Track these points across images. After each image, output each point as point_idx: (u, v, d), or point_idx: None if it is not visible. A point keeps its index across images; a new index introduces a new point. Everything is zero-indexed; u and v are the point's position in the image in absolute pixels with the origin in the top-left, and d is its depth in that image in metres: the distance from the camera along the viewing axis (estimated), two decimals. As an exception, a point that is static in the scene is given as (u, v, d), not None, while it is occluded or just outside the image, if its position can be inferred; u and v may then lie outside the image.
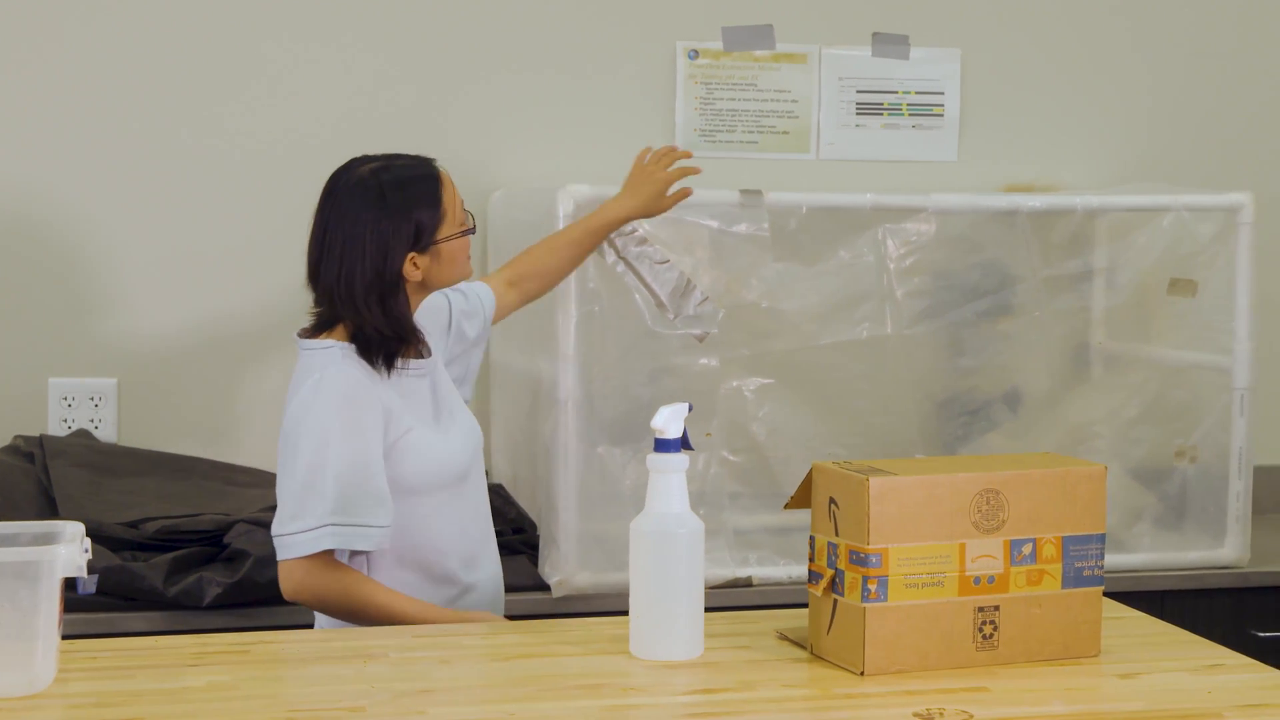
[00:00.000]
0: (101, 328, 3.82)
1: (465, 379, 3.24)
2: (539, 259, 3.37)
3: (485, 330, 3.27)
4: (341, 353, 2.89)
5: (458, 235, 2.97)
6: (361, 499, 2.83)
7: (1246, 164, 4.29)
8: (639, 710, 2.31)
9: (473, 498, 3.04)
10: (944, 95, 4.16)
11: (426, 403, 2.99)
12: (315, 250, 2.95)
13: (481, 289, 3.29)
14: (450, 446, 2.98)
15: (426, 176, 2.97)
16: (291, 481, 2.85)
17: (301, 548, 2.82)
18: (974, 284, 3.82)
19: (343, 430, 2.83)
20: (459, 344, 3.21)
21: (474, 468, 3.05)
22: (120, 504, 3.50)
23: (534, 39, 3.97)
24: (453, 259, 2.97)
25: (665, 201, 3.40)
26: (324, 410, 2.84)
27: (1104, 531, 2.54)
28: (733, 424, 3.69)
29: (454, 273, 2.99)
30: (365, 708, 2.28)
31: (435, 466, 2.94)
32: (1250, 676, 2.47)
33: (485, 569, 3.05)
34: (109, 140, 3.80)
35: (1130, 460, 3.86)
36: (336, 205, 2.94)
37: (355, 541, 2.83)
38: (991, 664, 2.48)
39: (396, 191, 2.92)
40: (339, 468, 2.82)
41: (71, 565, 2.32)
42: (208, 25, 3.83)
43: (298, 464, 2.84)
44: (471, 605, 3.00)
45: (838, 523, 2.45)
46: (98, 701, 2.30)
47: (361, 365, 2.89)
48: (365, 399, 2.86)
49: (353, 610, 2.86)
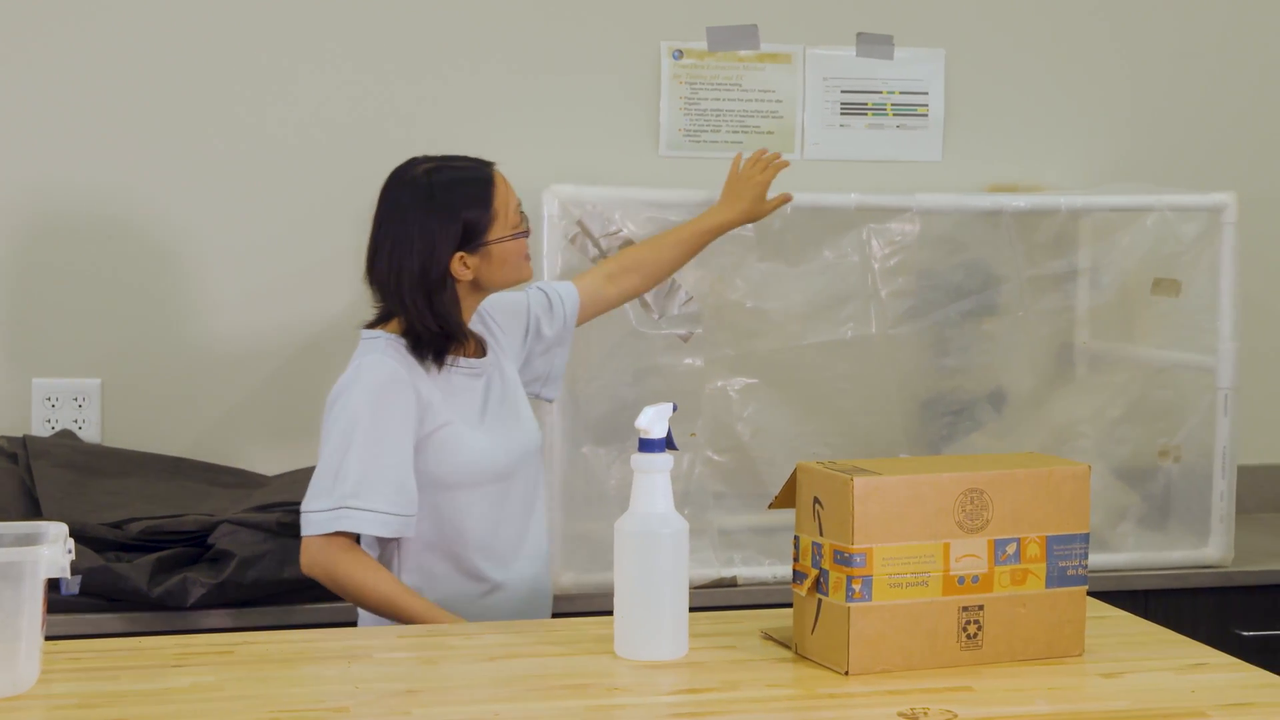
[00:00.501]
0: (85, 328, 3.81)
1: (548, 378, 3.30)
2: (643, 254, 3.43)
3: (566, 330, 3.31)
4: (385, 344, 2.98)
5: (508, 238, 3.02)
6: (380, 486, 2.90)
7: (1230, 164, 4.30)
8: (624, 710, 2.31)
9: (515, 499, 3.06)
10: (928, 95, 4.16)
11: (474, 401, 3.04)
12: (370, 246, 3.05)
13: (565, 288, 3.33)
14: (489, 446, 3.01)
15: (478, 179, 3.03)
16: (321, 463, 2.94)
17: (317, 526, 2.91)
18: (958, 284, 3.83)
19: (370, 418, 2.91)
20: (538, 343, 3.27)
21: (520, 470, 3.07)
22: (104, 505, 3.49)
23: (518, 39, 3.96)
24: (505, 260, 3.02)
25: (766, 206, 3.50)
26: (356, 397, 2.92)
27: (1088, 531, 2.54)
28: (717, 424, 3.70)
29: (508, 274, 3.05)
30: (350, 708, 2.28)
31: (468, 463, 2.98)
32: (1234, 676, 2.48)
33: (519, 570, 3.06)
34: (93, 141, 3.80)
35: (1114, 460, 3.87)
36: (389, 203, 3.03)
37: (368, 526, 2.90)
38: (976, 663, 2.48)
39: (446, 192, 2.99)
40: (361, 454, 2.90)
41: (55, 566, 2.32)
42: (203, 28, 3.82)
43: (328, 448, 2.93)
44: (498, 604, 3.02)
45: (822, 523, 2.46)
46: (81, 703, 2.29)
47: (402, 357, 2.97)
48: (398, 390, 2.93)
49: (359, 595, 2.92)
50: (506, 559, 3.05)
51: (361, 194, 3.88)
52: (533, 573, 3.08)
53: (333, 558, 2.91)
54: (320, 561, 2.92)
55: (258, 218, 3.86)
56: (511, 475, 3.05)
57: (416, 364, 2.97)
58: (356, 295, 3.87)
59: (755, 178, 3.50)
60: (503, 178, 3.06)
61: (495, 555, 3.03)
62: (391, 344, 2.98)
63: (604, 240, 3.53)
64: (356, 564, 2.91)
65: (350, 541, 2.93)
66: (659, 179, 3.90)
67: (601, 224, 3.56)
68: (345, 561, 2.91)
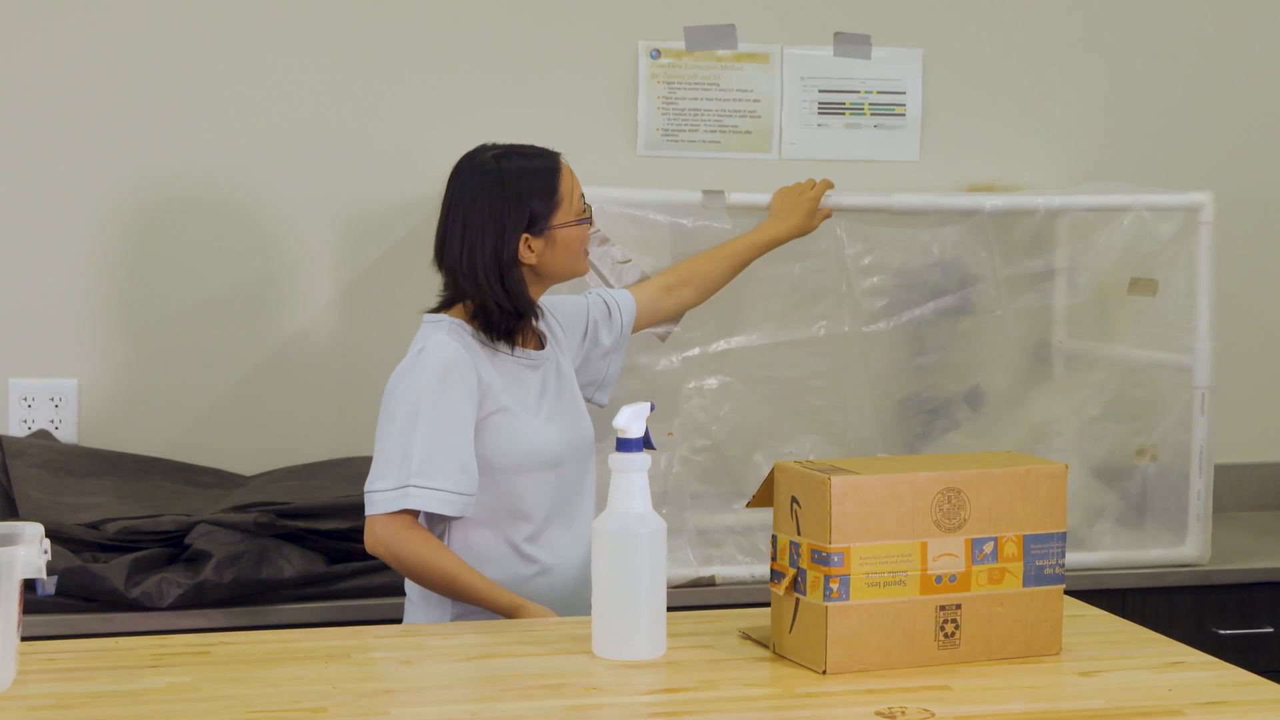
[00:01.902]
0: (61, 328, 3.80)
1: (602, 383, 3.38)
2: (697, 267, 3.55)
3: (622, 339, 3.40)
4: (449, 327, 3.06)
5: (572, 223, 3.11)
6: (445, 465, 2.97)
7: (1206, 164, 4.31)
8: (601, 710, 2.31)
9: (566, 486, 3.12)
10: (905, 95, 4.16)
11: (531, 390, 3.11)
12: (440, 231, 3.12)
13: (623, 297, 3.42)
14: (543, 434, 3.08)
15: (544, 167, 3.13)
16: (385, 443, 3.01)
17: (383, 505, 2.98)
18: (935, 283, 3.83)
19: (435, 398, 2.98)
20: (595, 348, 3.35)
21: (571, 461, 3.13)
22: (80, 505, 3.48)
23: (495, 39, 3.96)
24: (568, 246, 3.11)
25: (815, 220, 3.65)
26: (421, 378, 2.99)
27: (1065, 530, 2.55)
28: (694, 423, 3.70)
29: (569, 262, 3.13)
30: (327, 709, 2.27)
31: (523, 448, 3.05)
32: (1211, 674, 2.48)
33: (568, 554, 3.11)
34: (71, 141, 3.78)
35: (1091, 459, 3.87)
36: (458, 189, 3.11)
37: (433, 504, 2.97)
38: (953, 662, 2.48)
39: (514, 177, 3.09)
40: (426, 433, 2.96)
41: (31, 566, 2.31)
42: (186, 31, 3.82)
43: (392, 428, 3.00)
44: (546, 586, 3.08)
45: (799, 522, 2.46)
46: (57, 703, 2.29)
47: (466, 340, 3.05)
48: (461, 370, 3.00)
49: (423, 572, 2.98)
50: (556, 543, 3.10)
51: (339, 194, 3.90)
52: (581, 562, 3.12)
53: (398, 535, 2.97)
54: (385, 539, 2.98)
55: (236, 217, 3.85)
56: (563, 463, 3.11)
57: (479, 348, 3.05)
58: (337, 295, 3.89)
59: (806, 193, 3.64)
60: (568, 167, 3.15)
61: (545, 539, 3.09)
62: (455, 327, 3.06)
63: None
64: (422, 541, 2.98)
65: (413, 519, 3.00)
66: (637, 179, 3.91)
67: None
68: (411, 539, 2.97)
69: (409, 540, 2.97)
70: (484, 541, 3.05)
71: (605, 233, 3.56)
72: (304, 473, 3.77)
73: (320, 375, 3.91)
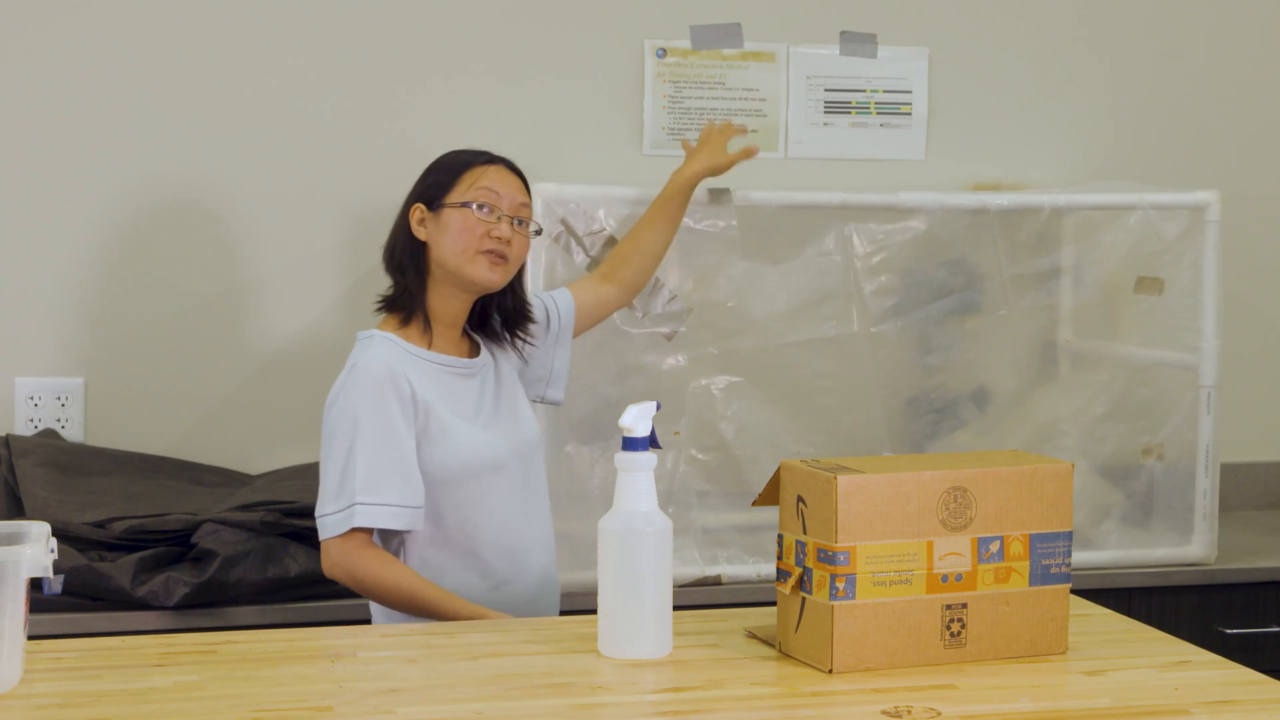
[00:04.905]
0: (68, 327, 3.80)
1: (549, 380, 3.29)
2: (630, 238, 3.45)
3: (563, 332, 3.29)
4: (379, 341, 3.01)
5: (458, 204, 3.03)
6: (388, 478, 2.93)
7: (1212, 162, 4.30)
8: (607, 709, 2.31)
9: (515, 494, 3.07)
10: (911, 94, 4.16)
11: (467, 399, 3.06)
12: None
13: (559, 293, 3.34)
14: (481, 440, 3.03)
15: (466, 156, 3.10)
16: (328, 464, 2.97)
17: (333, 528, 2.94)
18: (941, 282, 3.83)
19: (372, 412, 2.94)
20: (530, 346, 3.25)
21: (515, 464, 3.07)
22: (87, 504, 3.48)
23: (502, 38, 3.96)
24: (457, 230, 3.02)
25: (726, 158, 3.52)
26: (354, 395, 2.96)
27: (1071, 529, 2.55)
28: (701, 422, 3.70)
29: (457, 252, 3.02)
30: (332, 707, 2.27)
31: (461, 459, 3.00)
32: (1217, 673, 2.48)
33: (525, 564, 3.07)
34: (75, 142, 3.79)
35: (1097, 458, 3.87)
36: None
37: (381, 520, 2.92)
38: (959, 661, 2.48)
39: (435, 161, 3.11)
40: (366, 449, 2.93)
41: (37, 565, 2.31)
42: (195, 32, 3.82)
43: (333, 449, 2.96)
44: (507, 594, 3.03)
45: (806, 521, 2.46)
46: (64, 702, 2.29)
47: (397, 352, 3.00)
48: (395, 383, 2.96)
49: (382, 591, 2.94)
50: (512, 553, 3.06)
51: (344, 195, 3.90)
52: (540, 566, 3.09)
53: (351, 557, 2.93)
54: (340, 563, 2.94)
55: (242, 217, 3.86)
56: (507, 469, 3.05)
57: (410, 359, 3.00)
58: (341, 294, 3.89)
59: (715, 135, 3.55)
60: (499, 170, 3.08)
61: (500, 549, 3.04)
62: (386, 340, 3.01)
63: (588, 239, 3.53)
64: (378, 560, 2.94)
65: (367, 539, 2.95)
66: (642, 177, 3.89)
67: (585, 222, 3.56)
68: (366, 559, 2.93)
69: (364, 560, 2.93)
70: (439, 555, 3.00)
71: (611, 230, 3.56)
72: (310, 471, 3.75)
73: (326, 374, 3.87)
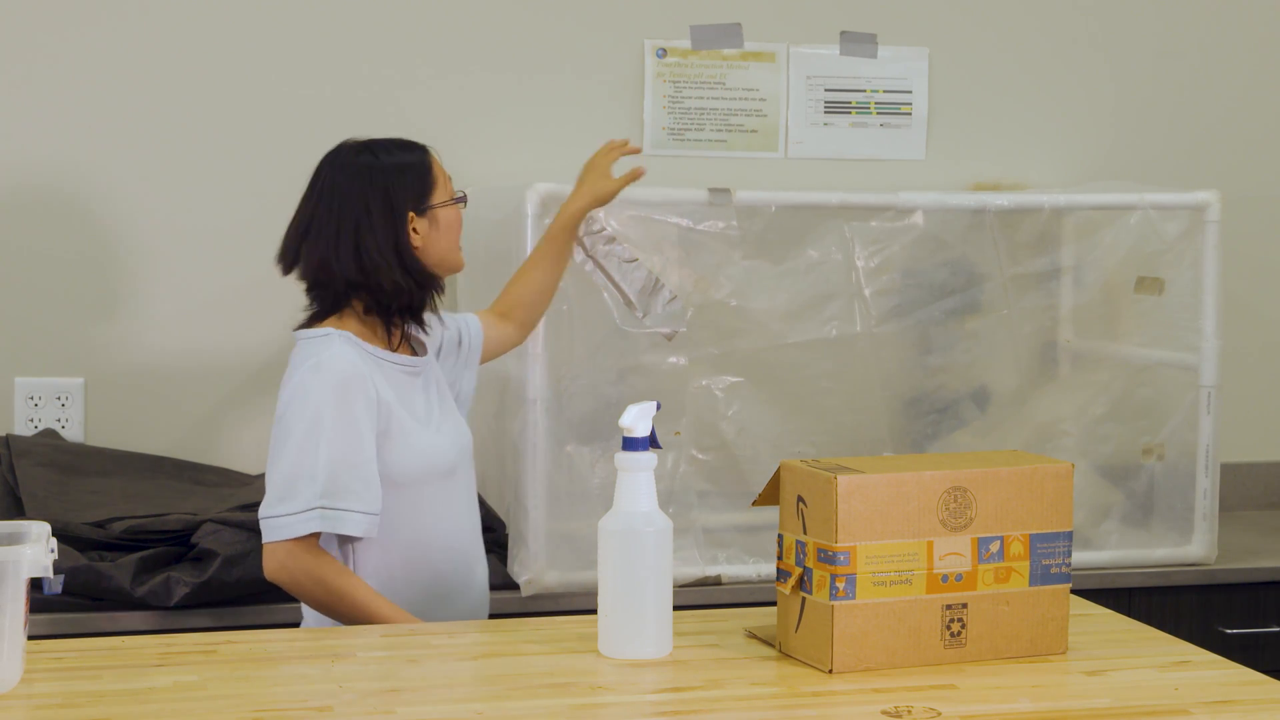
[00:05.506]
0: (68, 327, 3.80)
1: (458, 402, 3.21)
2: (518, 282, 3.36)
3: (472, 355, 3.25)
4: (340, 339, 2.91)
5: (449, 202, 3.02)
6: (351, 484, 2.84)
7: (1212, 162, 4.31)
8: (607, 709, 2.31)
9: (460, 497, 3.04)
10: (912, 94, 4.17)
11: (418, 400, 3.01)
12: (298, 233, 3.00)
13: (469, 317, 3.29)
14: (436, 442, 2.99)
15: (413, 146, 3.03)
16: (283, 463, 2.86)
17: (288, 530, 2.83)
18: (942, 282, 3.83)
19: (336, 414, 2.84)
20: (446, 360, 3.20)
21: (461, 467, 3.04)
22: (87, 504, 3.48)
23: (502, 37, 3.96)
24: (449, 228, 3.02)
25: (611, 184, 3.35)
26: (319, 394, 2.85)
27: (1071, 529, 2.55)
28: (701, 422, 3.70)
29: (447, 247, 3.02)
30: (333, 707, 2.27)
31: (420, 460, 2.95)
32: (1217, 673, 2.48)
33: (471, 575, 3.05)
34: (77, 142, 3.79)
35: (1098, 458, 3.87)
36: (331, 186, 2.98)
37: (342, 526, 2.83)
38: (959, 661, 2.48)
39: (389, 160, 2.98)
40: (330, 451, 2.83)
41: (38, 565, 2.31)
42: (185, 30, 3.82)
43: (289, 446, 2.85)
44: (459, 607, 3.00)
45: (806, 521, 2.46)
46: (64, 702, 2.29)
47: (358, 353, 2.91)
48: (360, 384, 2.87)
49: (328, 599, 2.85)
50: (466, 558, 3.04)
51: (345, 192, 3.89)
52: (480, 578, 3.08)
53: (303, 561, 2.83)
54: (289, 565, 2.84)
55: (241, 219, 3.86)
56: (457, 473, 3.03)
57: (369, 359, 2.92)
58: (340, 294, 3.88)
59: (598, 161, 3.39)
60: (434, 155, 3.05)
61: (451, 555, 3.01)
62: (346, 339, 2.92)
63: (588, 239, 3.53)
64: (331, 568, 2.85)
65: (318, 546, 2.86)
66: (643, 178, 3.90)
67: (585, 223, 3.56)
68: (319, 565, 2.84)
69: (317, 567, 2.83)
70: (390, 562, 2.93)
71: (611, 231, 3.56)
72: (310, 472, 3.76)
73: (326, 374, 3.90)
